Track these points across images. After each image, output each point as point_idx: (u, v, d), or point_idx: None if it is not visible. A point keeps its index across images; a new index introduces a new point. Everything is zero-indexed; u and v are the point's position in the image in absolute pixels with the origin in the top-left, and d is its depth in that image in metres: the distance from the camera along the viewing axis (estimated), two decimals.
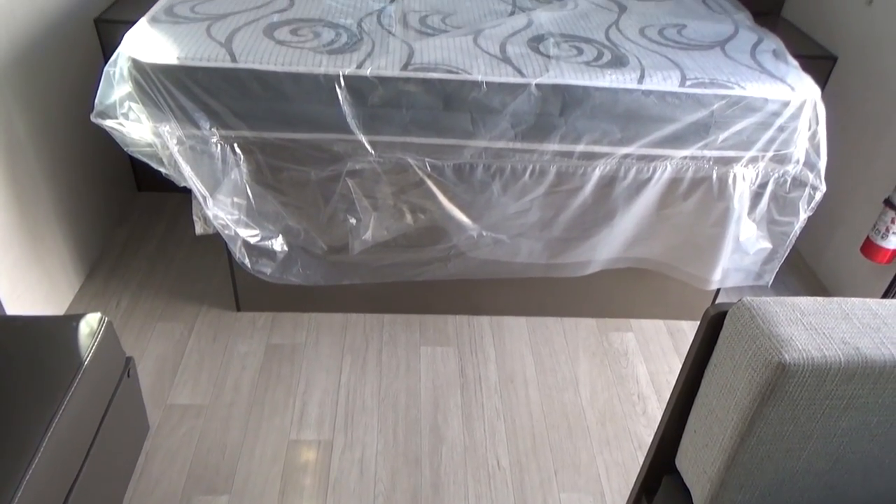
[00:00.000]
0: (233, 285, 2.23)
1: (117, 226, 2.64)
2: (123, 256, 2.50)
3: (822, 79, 2.58)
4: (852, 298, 0.97)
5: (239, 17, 1.93)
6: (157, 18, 1.89)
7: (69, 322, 1.46)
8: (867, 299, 0.97)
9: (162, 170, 1.81)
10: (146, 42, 1.75)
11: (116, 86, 1.74)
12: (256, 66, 1.72)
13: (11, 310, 1.93)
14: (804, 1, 2.84)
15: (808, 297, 0.96)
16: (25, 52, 2.00)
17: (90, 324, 1.45)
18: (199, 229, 1.91)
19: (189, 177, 1.79)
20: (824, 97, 1.81)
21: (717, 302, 2.34)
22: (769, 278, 2.14)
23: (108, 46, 2.41)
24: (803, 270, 2.69)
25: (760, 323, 0.92)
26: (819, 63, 2.58)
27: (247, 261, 1.95)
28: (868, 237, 2.19)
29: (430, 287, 2.22)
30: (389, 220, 1.95)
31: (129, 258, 2.49)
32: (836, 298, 0.97)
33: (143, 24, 1.84)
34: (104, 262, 2.46)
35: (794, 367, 0.86)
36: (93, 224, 2.44)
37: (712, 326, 1.02)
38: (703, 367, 1.07)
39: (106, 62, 1.75)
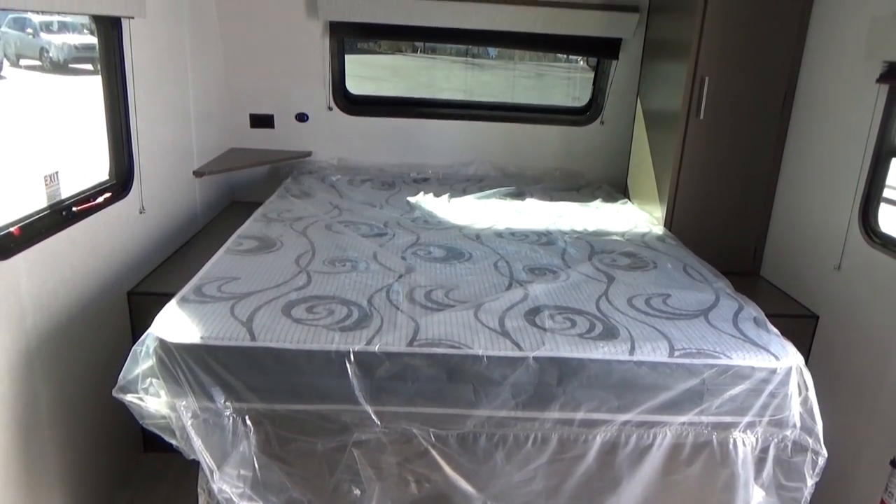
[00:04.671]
0: None
1: (120, 489, 2.61)
2: None
3: (807, 337, 2.71)
4: None
5: (261, 295, 2.12)
6: (186, 298, 2.08)
7: None
8: None
9: (173, 442, 1.86)
10: (174, 323, 1.91)
11: (141, 362, 1.87)
12: (273, 345, 1.85)
13: None
14: (779, 263, 3.09)
15: None
16: (60, 329, 2.17)
17: None
18: (202, 502, 1.90)
19: (199, 450, 1.83)
20: (813, 356, 1.91)
21: None
22: None
23: (136, 318, 2.60)
24: None
25: None
26: (802, 322, 2.74)
27: None
28: (882, 501, 2.14)
29: None
30: (394, 491, 1.94)
31: None
32: None
33: (172, 305, 2.02)
34: None
35: None
36: (95, 489, 2.42)
37: None
38: None
39: (133, 333, 1.90)
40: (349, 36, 3.90)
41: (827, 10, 2.81)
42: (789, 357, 1.95)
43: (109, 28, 2.49)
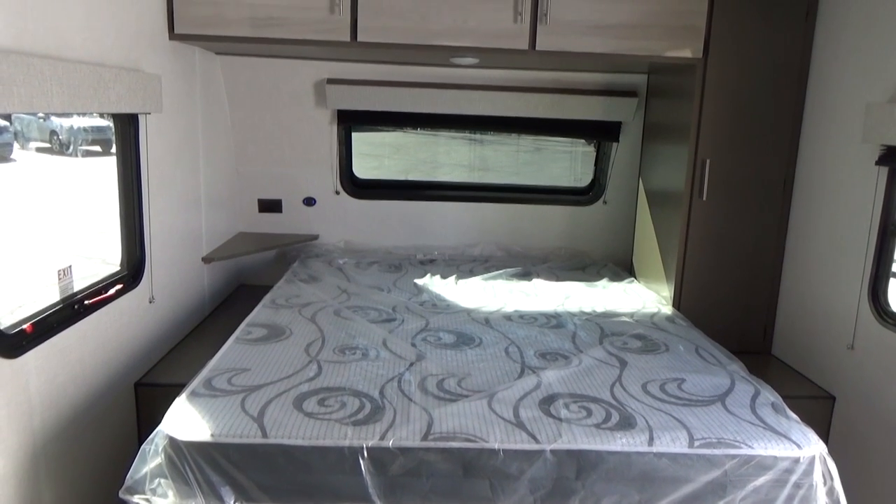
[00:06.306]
0: None
1: None
2: None
3: (825, 419, 2.66)
4: None
5: (272, 387, 2.10)
6: (196, 392, 2.05)
7: None
8: None
9: None
10: (183, 420, 1.88)
11: (149, 461, 1.83)
12: (285, 441, 1.82)
13: None
14: (791, 342, 3.06)
15: None
16: (67, 426, 2.13)
17: None
18: None
19: None
20: (832, 439, 1.87)
21: None
22: None
23: (143, 410, 2.55)
24: None
25: None
26: (819, 403, 2.70)
27: None
28: None
29: None
30: None
31: None
32: None
33: (182, 400, 1.99)
34: None
35: None
36: None
37: None
38: None
39: (139, 426, 1.86)
40: (356, 123, 4.01)
41: (821, 95, 2.90)
42: (812, 445, 1.90)
43: (126, 123, 2.56)
